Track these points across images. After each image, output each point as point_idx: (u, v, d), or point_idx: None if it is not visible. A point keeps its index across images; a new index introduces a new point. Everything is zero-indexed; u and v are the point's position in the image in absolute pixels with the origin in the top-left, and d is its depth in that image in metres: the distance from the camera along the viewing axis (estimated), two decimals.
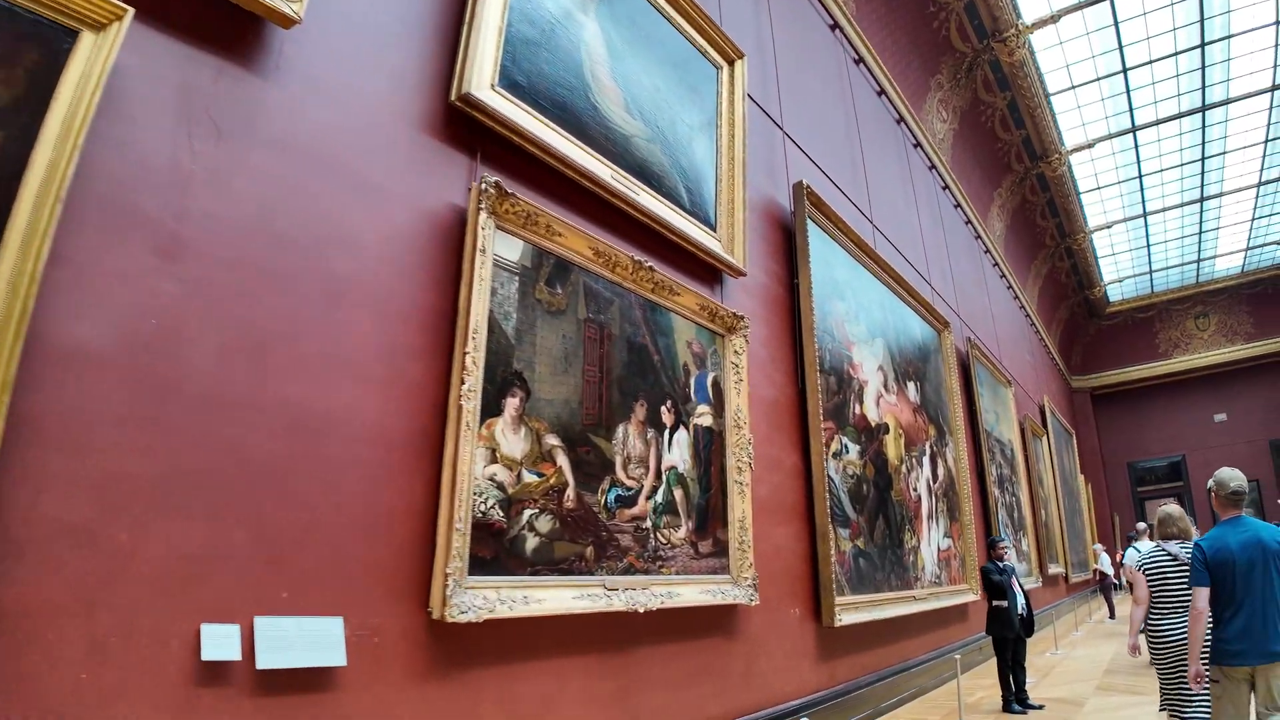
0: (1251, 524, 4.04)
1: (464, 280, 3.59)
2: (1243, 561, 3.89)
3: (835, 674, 6.22)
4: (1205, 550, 4.04)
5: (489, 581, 3.36)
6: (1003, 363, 14.28)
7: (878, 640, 7.07)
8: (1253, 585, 3.86)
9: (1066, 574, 16.75)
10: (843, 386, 7.03)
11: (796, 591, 5.87)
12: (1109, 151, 17.17)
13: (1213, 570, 3.98)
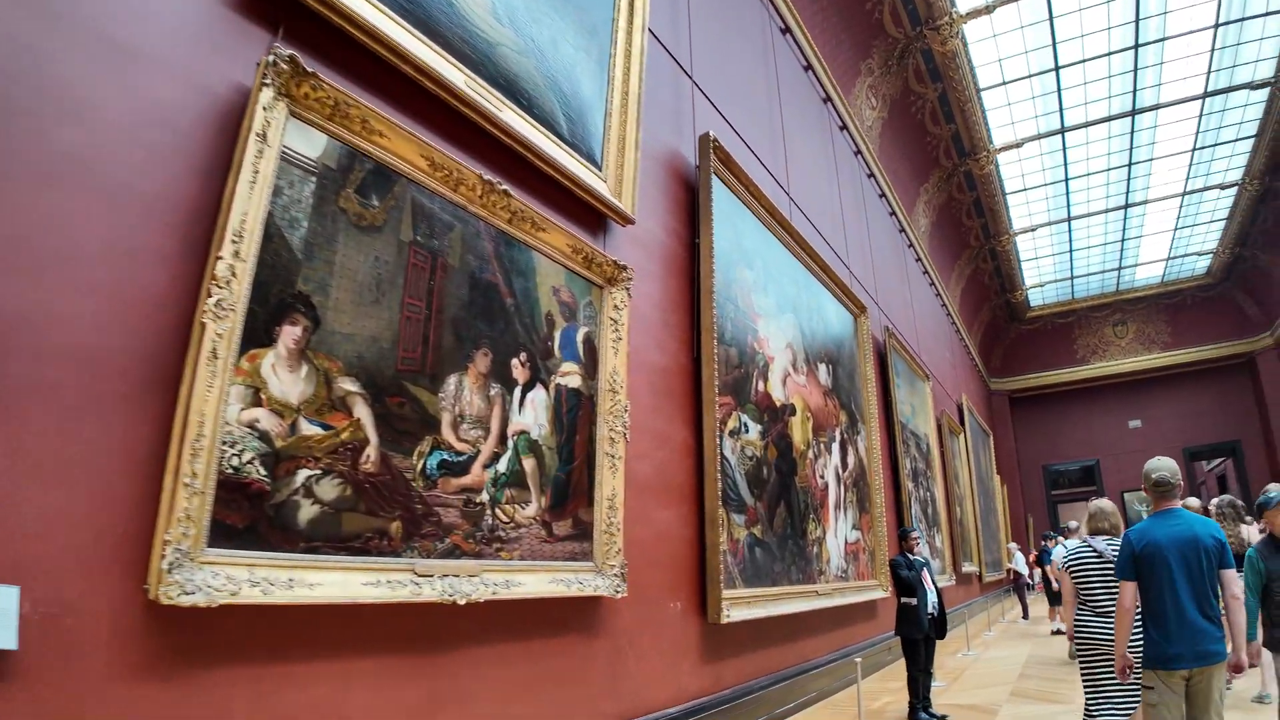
0: (1185, 517, 3.69)
1: (234, 170, 2.75)
2: (1174, 556, 3.57)
3: (722, 677, 5.48)
4: (1132, 543, 3.71)
5: (238, 557, 2.52)
6: (922, 357, 13.79)
7: (774, 638, 6.37)
8: (1183, 582, 3.54)
9: (981, 573, 16.43)
10: (745, 361, 6.31)
11: (679, 583, 5.11)
12: (1037, 152, 16.81)
13: (1140, 565, 3.66)
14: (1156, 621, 3.59)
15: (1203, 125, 16.13)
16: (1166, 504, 3.75)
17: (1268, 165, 17.43)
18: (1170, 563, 3.56)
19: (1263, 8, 13.07)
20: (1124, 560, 3.74)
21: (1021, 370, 25.59)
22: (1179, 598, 3.52)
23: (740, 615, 5.45)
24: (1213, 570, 3.56)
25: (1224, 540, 3.66)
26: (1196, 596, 3.52)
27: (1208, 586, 3.54)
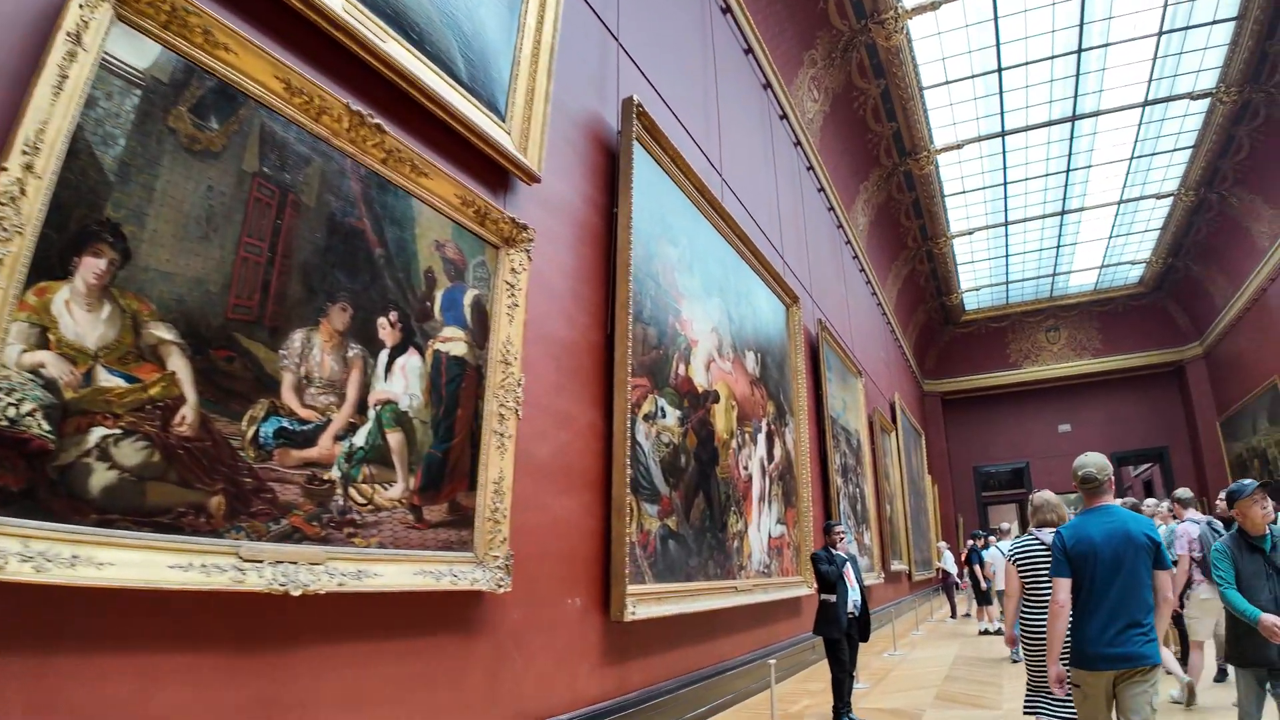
0: (1119, 514, 3.54)
1: (38, 72, 2.27)
2: (1105, 554, 3.42)
3: (628, 679, 5.07)
4: (1065, 539, 3.56)
5: (9, 525, 2.06)
6: (855, 354, 13.58)
7: (689, 637, 5.98)
8: (1115, 581, 3.39)
9: (910, 571, 16.34)
10: (665, 342, 5.90)
11: (580, 577, 4.67)
12: (977, 155, 16.70)
13: (1073, 562, 3.50)
14: (1086, 620, 3.44)
15: (1142, 134, 16.15)
16: (1097, 500, 3.61)
17: (1204, 176, 17.57)
18: (1102, 561, 3.42)
19: (1207, 17, 13.09)
20: (1057, 557, 3.58)
21: (955, 372, 25.68)
22: (1110, 597, 3.38)
23: (648, 612, 5.04)
24: (1146, 569, 3.40)
25: (1159, 539, 3.50)
26: (1128, 596, 3.37)
27: (1140, 586, 3.39)
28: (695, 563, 5.94)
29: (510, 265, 4.18)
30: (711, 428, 6.55)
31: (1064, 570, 3.53)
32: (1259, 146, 15.98)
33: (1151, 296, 23.74)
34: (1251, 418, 19.94)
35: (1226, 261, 20.09)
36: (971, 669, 8.39)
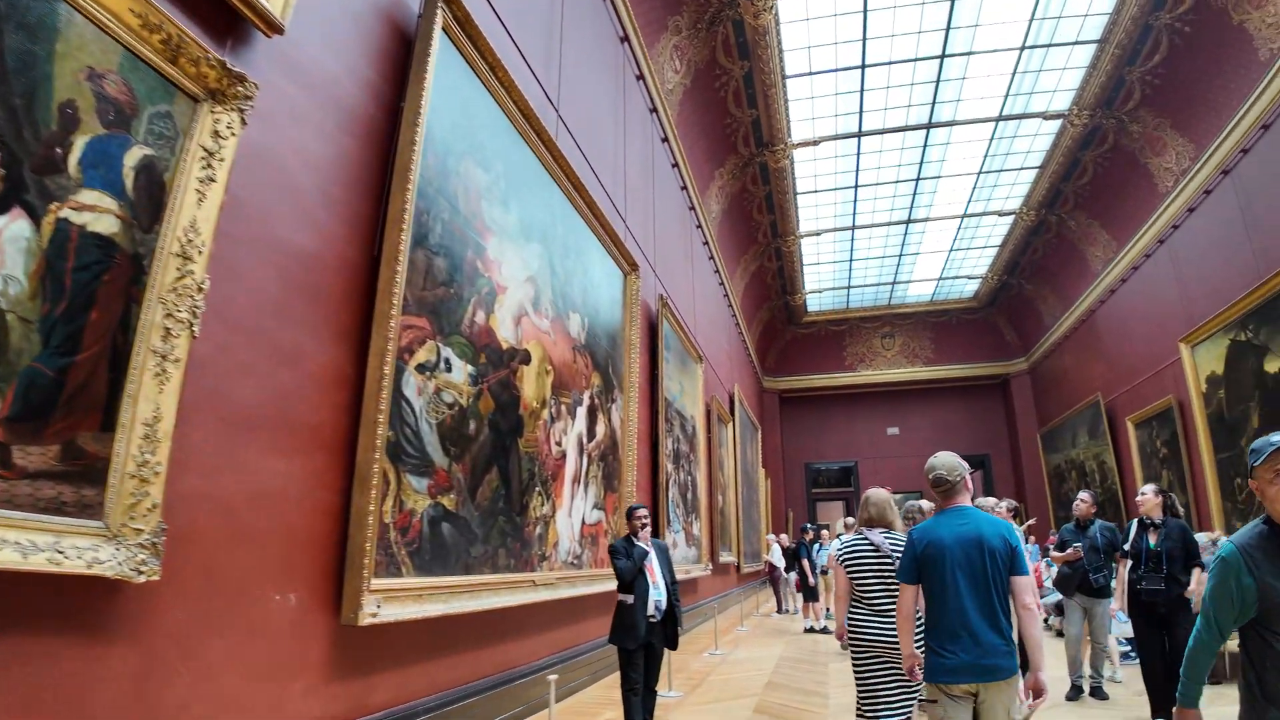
0: (974, 516, 3.32)
1: None
2: (959, 558, 3.19)
3: (368, 697, 3.88)
4: (915, 543, 3.34)
5: None
6: (697, 339, 12.79)
7: (467, 641, 4.86)
8: (969, 588, 3.15)
9: (739, 563, 15.82)
10: (460, 280, 4.74)
11: (298, 565, 3.45)
12: (832, 154, 16.25)
13: (923, 567, 3.28)
14: (938, 630, 3.19)
15: (992, 149, 16.13)
16: (951, 502, 3.39)
17: (1046, 197, 17.86)
18: (954, 566, 3.18)
19: (1070, 37, 13.03)
20: (906, 561, 3.37)
21: (794, 371, 25.60)
22: (962, 605, 3.13)
23: (401, 613, 3.88)
24: (1001, 576, 3.16)
25: (1016, 544, 3.25)
26: (981, 604, 3.13)
27: (995, 594, 3.15)
28: (480, 551, 4.82)
29: (213, 127, 2.92)
30: (516, 393, 5.44)
31: (910, 575, 3.32)
32: (1102, 172, 16.34)
33: (984, 312, 24.49)
34: (1072, 431, 20.76)
35: (1059, 282, 20.78)
36: (796, 673, 7.69)
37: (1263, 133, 11.78)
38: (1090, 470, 19.62)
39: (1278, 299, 11.80)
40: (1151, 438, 16.55)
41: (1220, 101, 12.66)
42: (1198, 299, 14.38)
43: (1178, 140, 14.10)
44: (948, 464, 3.40)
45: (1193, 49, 12.31)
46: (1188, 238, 14.68)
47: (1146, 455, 16.80)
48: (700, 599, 11.84)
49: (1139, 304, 17.10)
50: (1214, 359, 13.79)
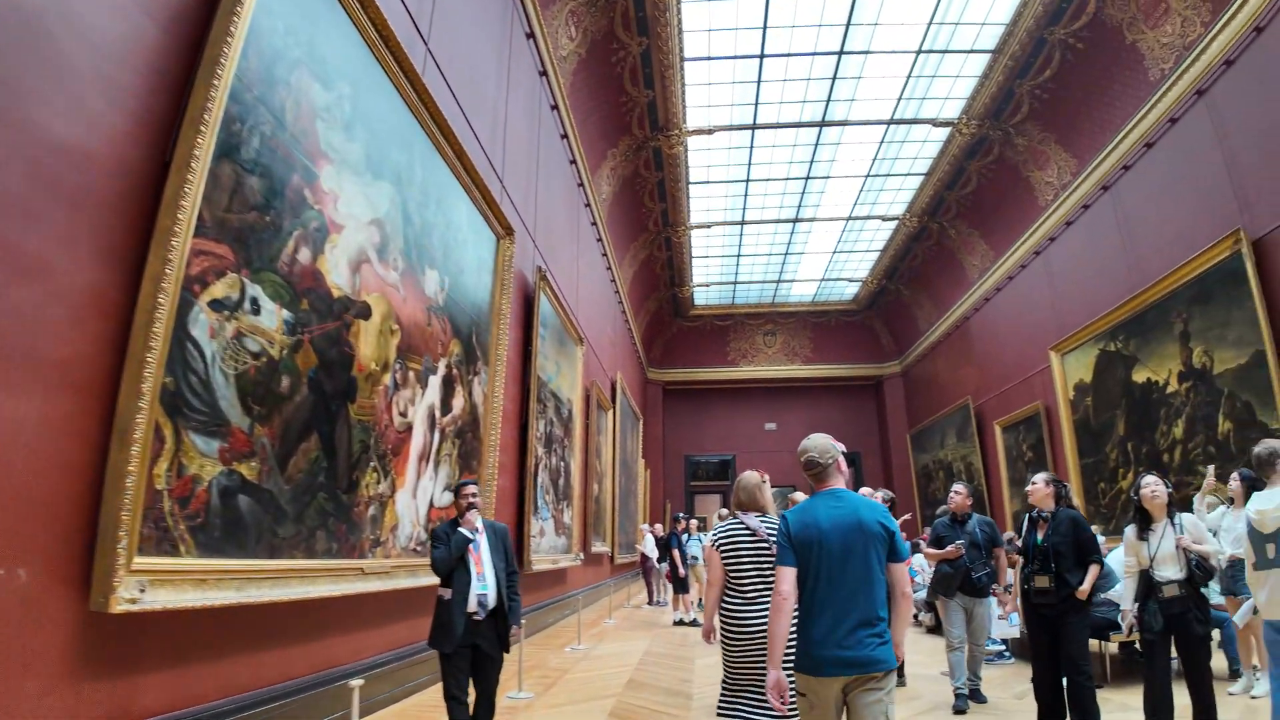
0: (850, 500, 3.11)
1: None
2: (834, 543, 2.97)
3: (138, 700, 3.11)
4: (790, 524, 3.09)
5: None
6: (579, 320, 12.18)
7: (276, 637, 4.10)
8: (844, 575, 2.94)
9: (613, 554, 15.31)
10: (280, 206, 3.95)
11: (30, 531, 2.63)
12: (726, 144, 15.86)
13: (798, 550, 3.03)
14: (810, 619, 2.95)
15: (881, 152, 16.10)
16: (824, 485, 3.18)
17: (930, 205, 18.04)
18: (829, 550, 2.95)
19: (966, 45, 12.98)
20: (781, 544, 3.10)
21: (679, 364, 25.40)
22: (836, 593, 2.91)
23: (174, 599, 3.12)
24: (879, 562, 2.96)
25: (894, 528, 3.05)
26: (858, 591, 2.91)
27: (873, 581, 2.93)
28: (292, 532, 4.06)
29: None
30: (350, 350, 4.68)
31: (788, 558, 3.02)
32: (985, 183, 16.57)
33: (862, 315, 24.95)
34: (941, 433, 21.30)
35: (935, 289, 21.20)
36: (660, 669, 7.18)
37: (1145, 150, 12.05)
38: (957, 471, 20.13)
39: (1149, 312, 12.12)
40: (1018, 441, 17.00)
41: (1106, 119, 12.93)
42: (1070, 309, 14.74)
43: (1061, 155, 14.39)
44: (820, 446, 3.21)
45: (1084, 65, 12.50)
46: (1064, 250, 15.03)
47: (1012, 458, 17.26)
48: (569, 590, 11.25)
49: (1012, 313, 17.52)
50: (1083, 367, 14.16)
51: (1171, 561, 4.53)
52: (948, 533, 6.30)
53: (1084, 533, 4.93)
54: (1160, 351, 11.88)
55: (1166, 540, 4.57)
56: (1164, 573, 4.52)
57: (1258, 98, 9.59)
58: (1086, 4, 11.60)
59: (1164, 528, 4.62)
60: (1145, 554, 4.63)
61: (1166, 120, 11.38)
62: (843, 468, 3.23)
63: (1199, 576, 4.50)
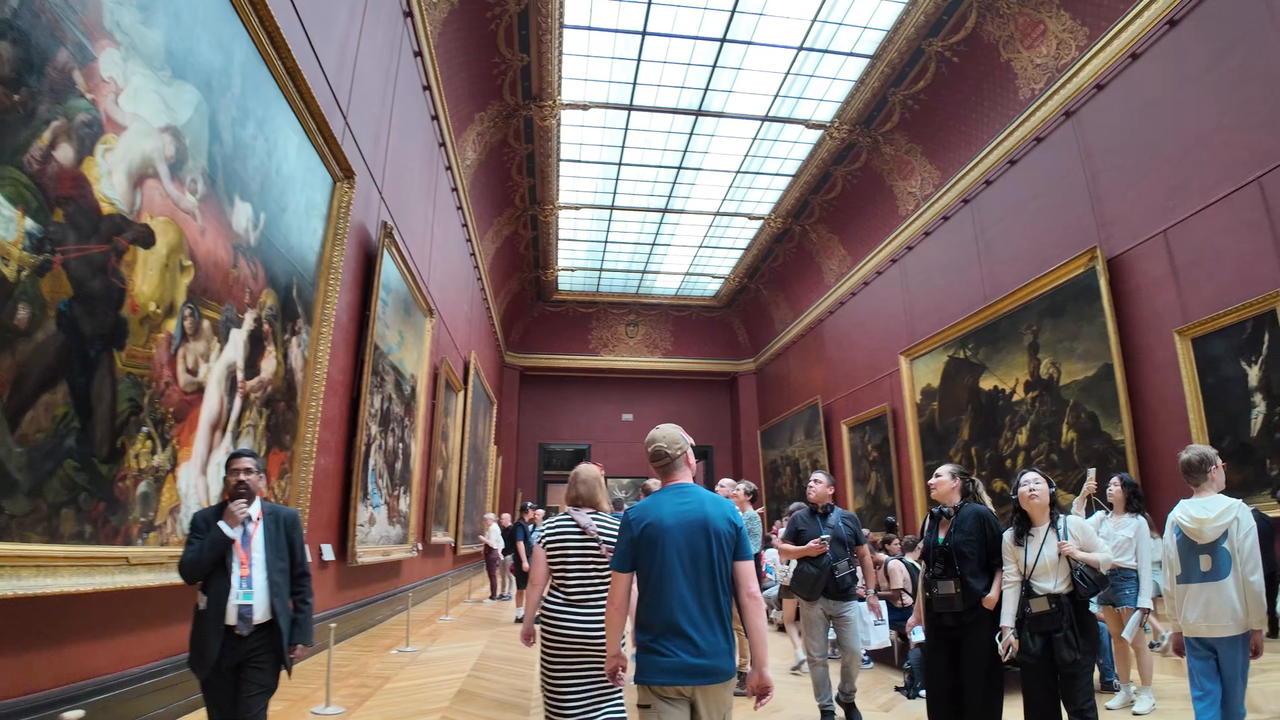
0: (697, 495, 2.89)
1: None
2: (680, 542, 2.75)
3: None
4: (631, 524, 2.84)
5: None
6: (431, 291, 11.18)
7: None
8: (691, 575, 2.71)
9: (456, 544, 14.36)
10: (33, 83, 2.94)
11: None
12: (601, 123, 15.12)
13: (640, 550, 2.78)
14: (652, 624, 2.72)
15: (754, 149, 15.84)
16: (671, 478, 3.00)
17: (795, 207, 17.98)
18: (674, 550, 2.76)
19: (846, 47, 12.79)
20: (622, 545, 2.88)
21: (538, 349, 24.50)
22: (682, 595, 2.71)
23: None
24: (726, 563, 2.79)
25: (741, 525, 2.88)
26: (703, 595, 2.72)
27: (718, 583, 2.76)
28: (26, 508, 3.06)
29: None
30: (121, 284, 3.66)
31: (626, 562, 2.84)
32: (850, 189, 16.66)
33: (722, 312, 24.98)
34: (790, 430, 21.59)
35: (793, 290, 21.39)
36: (497, 676, 6.42)
37: (1009, 167, 12.29)
38: (804, 467, 20.44)
39: (999, 323, 12.41)
40: (864, 441, 17.31)
41: (973, 134, 13.14)
42: (922, 316, 15.01)
43: (926, 166, 14.59)
44: (669, 436, 3.00)
45: (957, 79, 12.61)
46: (921, 259, 15.30)
47: (857, 457, 17.57)
48: (404, 584, 10.30)
49: (865, 317, 17.80)
50: (931, 373, 14.44)
51: (1052, 571, 3.92)
52: (807, 526, 5.42)
53: (991, 531, 4.24)
54: (1009, 361, 12.19)
55: (1047, 547, 3.96)
56: (1041, 583, 3.92)
57: (1124, 122, 9.85)
58: (967, 19, 11.69)
59: (1044, 532, 4.02)
60: (1023, 563, 4.01)
61: (1033, 139, 11.64)
62: (691, 461, 3.03)
63: (1084, 589, 3.85)
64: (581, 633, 3.47)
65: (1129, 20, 9.47)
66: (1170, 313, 9.07)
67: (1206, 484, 3.82)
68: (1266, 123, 7.78)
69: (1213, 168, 8.49)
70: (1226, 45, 8.21)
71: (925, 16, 11.84)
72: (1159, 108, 9.26)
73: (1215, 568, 3.64)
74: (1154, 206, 9.36)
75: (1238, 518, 3.61)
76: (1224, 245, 8.36)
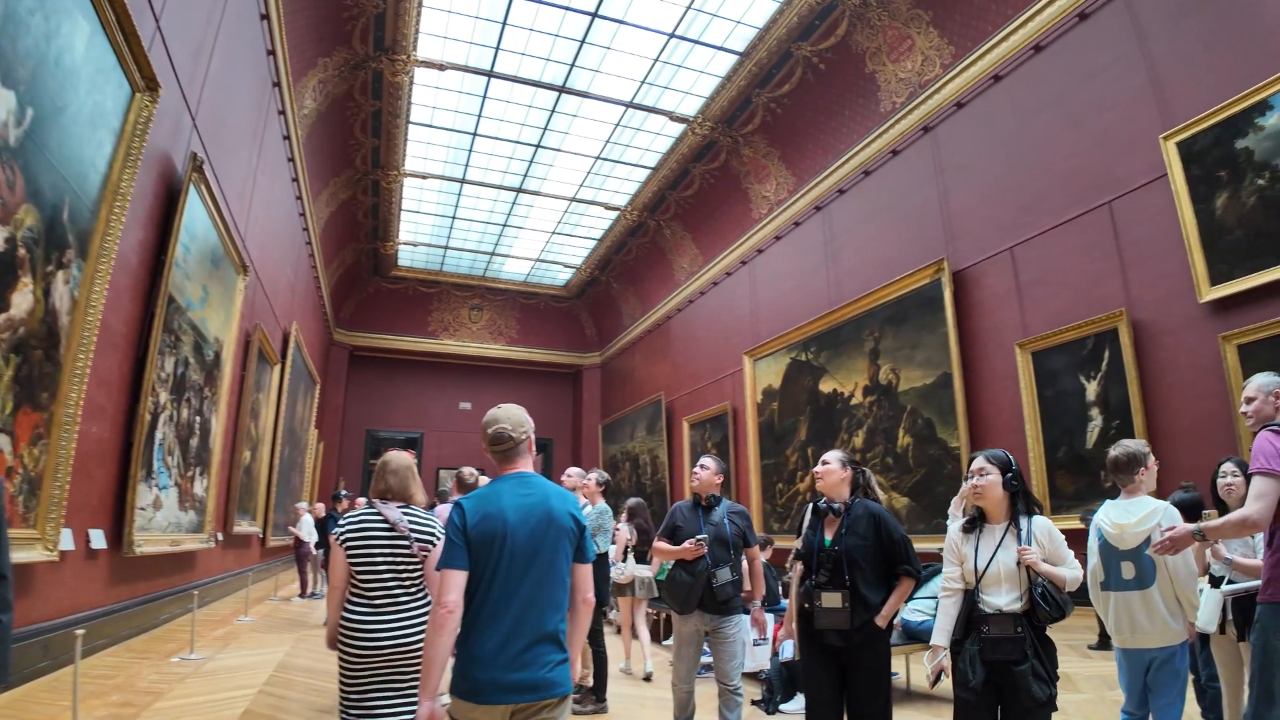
0: (541, 486, 2.56)
1: None
2: (520, 539, 2.41)
3: None
4: (467, 514, 2.43)
5: None
6: (248, 246, 9.81)
7: None
8: (527, 578, 2.38)
9: (265, 535, 12.88)
10: None
11: None
12: (457, 86, 13.95)
13: (475, 548, 2.39)
14: (480, 633, 2.33)
15: (615, 136, 15.27)
16: (512, 465, 2.59)
17: (651, 201, 17.62)
18: (514, 548, 2.39)
19: (717, 40, 12.44)
20: (452, 540, 2.40)
21: (372, 328, 22.79)
22: (514, 600, 2.34)
23: None
24: (566, 564, 2.48)
25: (585, 524, 2.57)
26: (541, 599, 2.38)
27: (558, 587, 2.44)
28: None
29: None
30: None
31: (460, 559, 2.38)
32: (707, 187, 16.46)
33: (571, 303, 24.31)
34: (632, 425, 21.37)
35: (643, 286, 21.09)
36: (292, 692, 5.43)
37: (864, 177, 12.39)
38: (644, 463, 20.31)
39: (843, 328, 12.54)
40: (703, 438, 17.26)
41: (831, 142, 13.18)
42: (768, 318, 15.04)
43: (783, 171, 14.57)
44: (514, 418, 2.64)
45: (822, 86, 12.58)
46: (770, 262, 15.33)
47: (697, 454, 17.47)
48: (199, 579, 8.94)
49: (713, 316, 17.75)
50: (773, 374, 14.49)
51: (1008, 584, 3.07)
52: (686, 522, 4.51)
53: (893, 533, 3.53)
54: (849, 365, 12.34)
55: (1005, 551, 3.11)
56: (992, 598, 3.08)
57: (980, 141, 10.05)
58: (838, 26, 11.64)
59: (1002, 532, 3.16)
60: (971, 566, 3.17)
61: (889, 151, 11.76)
62: (533, 448, 2.72)
63: (1044, 614, 2.99)
64: (387, 645, 3.11)
65: (996, 43, 9.63)
66: (1012, 326, 9.28)
67: (1134, 485, 3.53)
68: (1121, 151, 8.03)
69: (1063, 190, 8.72)
70: (1089, 74, 8.43)
71: (799, 18, 11.71)
72: (1016, 129, 9.47)
73: (1139, 575, 3.36)
74: (1003, 224, 9.57)
75: (1161, 523, 3.30)
76: (1070, 265, 8.60)
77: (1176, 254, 7.30)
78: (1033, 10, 9.02)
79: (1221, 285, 6.86)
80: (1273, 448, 2.83)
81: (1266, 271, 6.47)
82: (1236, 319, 6.73)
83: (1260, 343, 6.44)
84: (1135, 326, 7.74)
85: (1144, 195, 7.75)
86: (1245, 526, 2.89)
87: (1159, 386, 7.50)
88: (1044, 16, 8.90)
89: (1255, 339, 6.50)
